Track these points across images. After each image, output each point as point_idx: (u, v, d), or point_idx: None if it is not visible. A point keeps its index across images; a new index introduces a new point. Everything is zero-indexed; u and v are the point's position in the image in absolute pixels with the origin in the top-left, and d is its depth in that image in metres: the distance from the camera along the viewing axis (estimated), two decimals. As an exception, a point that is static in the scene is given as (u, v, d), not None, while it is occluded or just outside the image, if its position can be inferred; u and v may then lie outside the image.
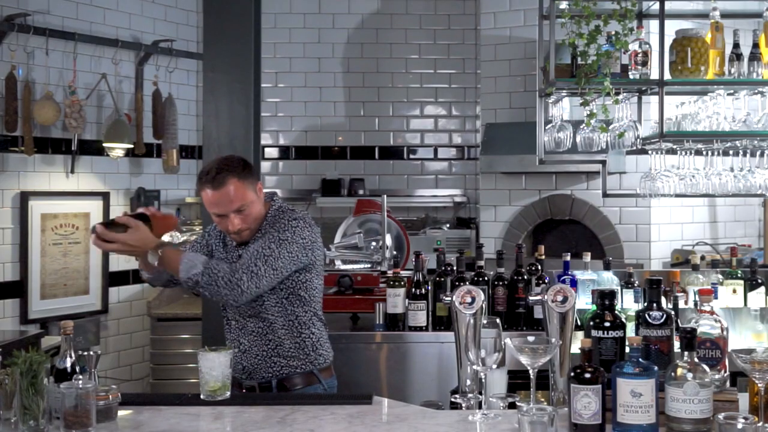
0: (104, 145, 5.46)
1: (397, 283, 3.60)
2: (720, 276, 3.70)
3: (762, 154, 3.89)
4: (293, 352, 2.80)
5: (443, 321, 3.58)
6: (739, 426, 1.85)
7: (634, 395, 1.95)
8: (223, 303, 2.84)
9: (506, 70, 5.88)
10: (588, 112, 3.87)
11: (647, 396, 1.95)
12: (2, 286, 5.03)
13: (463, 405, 2.36)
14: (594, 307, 2.55)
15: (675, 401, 1.97)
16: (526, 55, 5.68)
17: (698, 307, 2.34)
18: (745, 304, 3.60)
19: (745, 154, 3.89)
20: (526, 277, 3.59)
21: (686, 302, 3.43)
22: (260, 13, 4.00)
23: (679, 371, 2.00)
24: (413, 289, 3.57)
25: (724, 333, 2.28)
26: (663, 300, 2.62)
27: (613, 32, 3.75)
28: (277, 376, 2.80)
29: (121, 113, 5.58)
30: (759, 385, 1.96)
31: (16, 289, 5.08)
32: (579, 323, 2.98)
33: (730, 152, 3.93)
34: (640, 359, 2.01)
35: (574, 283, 3.50)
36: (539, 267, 3.63)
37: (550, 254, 3.98)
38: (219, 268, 2.63)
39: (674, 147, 3.89)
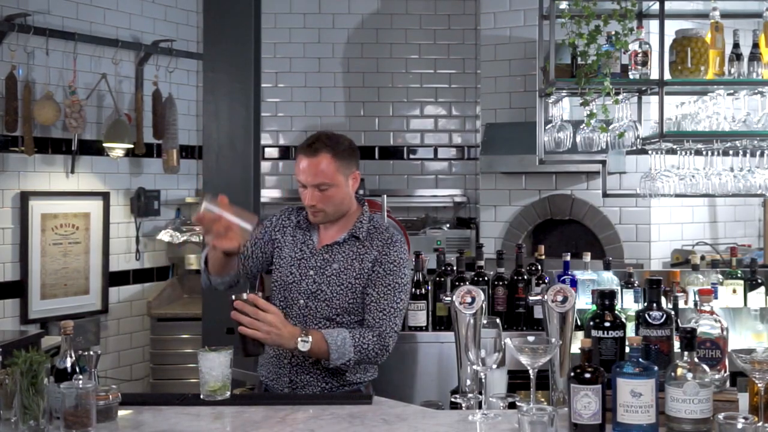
0: (104, 145, 5.46)
1: (397, 283, 3.59)
2: (720, 276, 3.70)
3: (762, 154, 3.89)
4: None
5: (443, 321, 3.58)
6: (739, 426, 1.85)
7: (634, 395, 1.95)
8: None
9: (506, 70, 5.88)
10: (588, 112, 3.87)
11: (647, 396, 1.95)
12: (2, 286, 5.03)
13: (463, 405, 2.36)
14: (594, 307, 2.55)
15: (675, 401, 1.97)
16: (526, 55, 5.68)
17: (698, 307, 2.34)
18: (745, 304, 3.60)
19: (745, 154, 3.89)
20: (526, 277, 3.58)
21: (686, 302, 3.43)
22: (260, 13, 4.01)
23: (679, 371, 2.00)
24: (413, 289, 3.56)
25: (724, 333, 2.28)
26: (663, 300, 2.62)
27: (613, 32, 3.74)
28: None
29: (121, 113, 5.59)
30: (759, 385, 1.96)
31: (16, 289, 5.09)
32: (579, 323, 2.98)
33: (730, 152, 3.93)
34: (640, 359, 2.01)
35: (574, 283, 3.50)
36: (539, 267, 3.63)
37: (550, 254, 3.97)
38: (367, 343, 2.61)
39: (674, 147, 3.89)
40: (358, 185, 2.79)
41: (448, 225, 6.32)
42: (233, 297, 2.50)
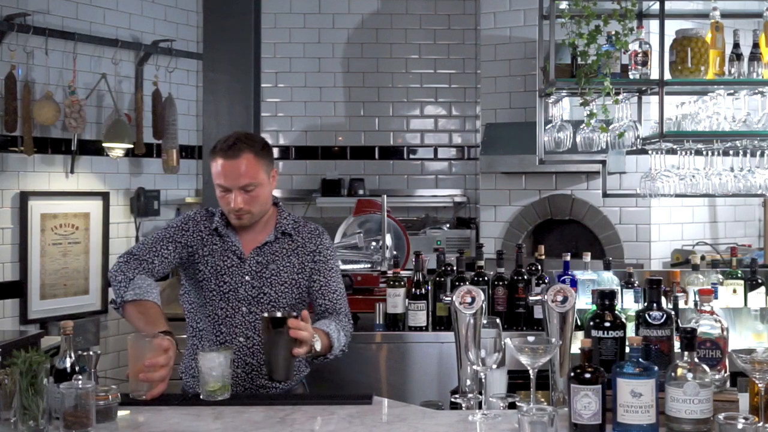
0: (104, 145, 5.46)
1: (397, 283, 3.60)
2: (720, 276, 3.70)
3: (762, 154, 3.89)
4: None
5: (443, 321, 3.58)
6: (739, 426, 1.85)
7: (634, 395, 1.95)
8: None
9: (506, 70, 5.88)
10: (588, 112, 3.87)
11: (647, 396, 1.95)
12: (2, 286, 5.03)
13: (463, 405, 2.35)
14: (594, 307, 2.55)
15: (675, 401, 1.97)
16: (526, 55, 5.68)
17: (698, 307, 2.34)
18: (745, 304, 3.59)
19: (745, 154, 3.89)
20: (526, 277, 3.58)
21: (686, 302, 3.43)
22: (260, 13, 4.01)
23: (679, 371, 2.00)
24: (413, 289, 3.57)
25: (724, 333, 2.28)
26: (663, 300, 2.62)
27: (613, 32, 3.74)
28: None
29: (121, 113, 5.58)
30: (759, 385, 1.96)
31: (16, 289, 5.08)
32: (579, 323, 2.98)
33: (730, 152, 3.92)
34: (640, 359, 2.01)
35: (574, 283, 3.50)
36: (539, 267, 3.63)
37: (550, 254, 3.98)
38: (346, 325, 2.71)
39: (674, 147, 3.89)
40: (276, 183, 2.78)
41: (448, 225, 6.32)
42: (275, 316, 2.39)
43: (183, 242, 2.69)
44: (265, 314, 2.41)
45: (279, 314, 2.41)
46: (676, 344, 2.27)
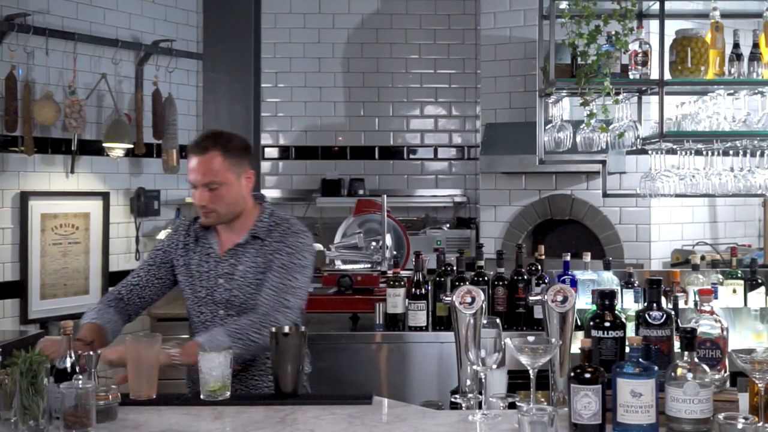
0: (104, 145, 5.46)
1: (397, 283, 3.60)
2: (720, 276, 3.70)
3: (762, 154, 3.89)
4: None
5: (443, 321, 3.58)
6: (739, 426, 1.85)
7: (634, 395, 1.95)
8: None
9: (506, 70, 5.88)
10: (588, 112, 3.87)
11: (647, 396, 1.95)
12: (2, 286, 5.03)
13: (463, 405, 2.35)
14: (594, 307, 2.55)
15: (675, 401, 1.97)
16: (526, 55, 5.68)
17: (698, 307, 2.34)
18: (745, 304, 3.59)
19: (745, 154, 3.89)
20: (526, 277, 3.58)
21: (686, 302, 3.43)
22: (260, 13, 4.01)
23: (679, 371, 2.00)
24: (413, 289, 3.57)
25: (724, 333, 2.28)
26: (663, 300, 2.62)
27: (613, 32, 3.74)
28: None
29: (121, 113, 5.58)
30: (759, 385, 1.96)
31: (16, 289, 5.08)
32: (579, 323, 2.98)
33: (730, 152, 3.93)
34: (640, 359, 2.01)
35: (574, 283, 3.50)
36: (539, 267, 3.63)
37: (550, 254, 3.98)
38: (242, 326, 2.50)
39: (674, 147, 3.89)
40: (253, 185, 2.75)
41: (448, 225, 6.33)
42: (282, 330, 2.40)
43: (163, 260, 2.78)
44: (273, 329, 2.42)
45: (286, 329, 2.43)
46: (676, 344, 2.27)
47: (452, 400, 2.43)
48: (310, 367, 2.83)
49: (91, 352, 2.22)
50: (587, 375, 2.01)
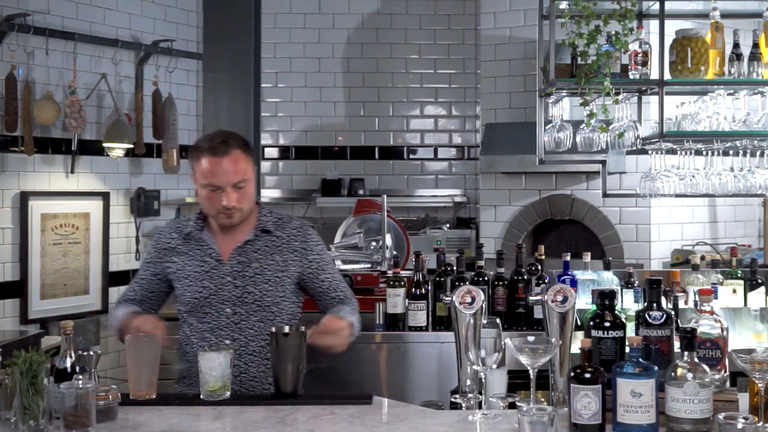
0: (104, 145, 5.46)
1: (397, 283, 3.59)
2: (720, 276, 3.70)
3: (762, 154, 3.89)
4: None
5: (443, 321, 3.58)
6: (739, 426, 1.85)
7: (634, 395, 1.95)
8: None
9: (506, 70, 5.88)
10: (588, 112, 3.87)
11: (647, 396, 1.95)
12: (2, 286, 5.03)
13: (463, 405, 2.35)
14: (594, 307, 2.55)
15: (675, 401, 1.97)
16: (526, 55, 5.68)
17: (698, 307, 2.34)
18: (745, 304, 3.59)
19: (745, 154, 3.89)
20: (526, 277, 3.58)
21: (686, 302, 3.43)
22: (260, 13, 4.01)
23: (679, 371, 2.00)
24: (413, 289, 3.56)
25: (724, 333, 2.28)
26: (663, 300, 2.62)
27: (613, 32, 3.74)
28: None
29: (121, 113, 5.58)
30: (759, 385, 1.96)
31: (16, 289, 5.08)
32: (579, 323, 2.97)
33: (730, 152, 3.92)
34: (640, 359, 2.01)
35: (574, 283, 3.50)
36: (539, 267, 3.62)
37: (550, 254, 3.97)
38: (356, 310, 2.76)
39: (674, 147, 3.89)
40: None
41: (448, 225, 6.33)
42: (283, 330, 2.42)
43: (153, 273, 2.81)
44: (273, 329, 2.42)
45: (287, 329, 2.42)
46: (676, 344, 2.27)
47: (452, 400, 2.43)
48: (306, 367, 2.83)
49: (92, 352, 2.22)
50: (587, 375, 2.01)
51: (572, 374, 2.03)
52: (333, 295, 2.80)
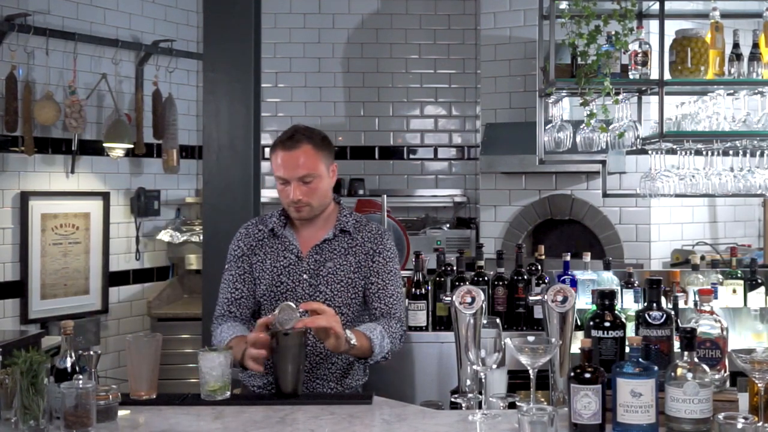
0: (104, 145, 5.46)
1: (397, 283, 3.59)
2: (720, 276, 3.70)
3: (762, 154, 3.89)
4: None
5: (443, 321, 3.58)
6: (739, 426, 1.85)
7: (634, 395, 1.96)
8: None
9: (506, 70, 5.88)
10: (588, 112, 3.87)
11: (647, 396, 1.95)
12: (2, 286, 5.03)
13: (463, 405, 2.36)
14: (594, 307, 2.55)
15: (675, 401, 1.97)
16: (526, 55, 5.68)
17: (698, 307, 2.34)
18: (745, 304, 3.60)
19: (745, 154, 3.89)
20: (526, 277, 3.58)
21: (686, 302, 3.43)
22: (260, 13, 4.00)
23: (679, 371, 2.00)
24: (413, 289, 3.57)
25: (724, 333, 2.28)
26: (663, 300, 2.62)
27: (613, 32, 3.75)
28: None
29: (121, 113, 5.59)
30: (759, 385, 1.96)
31: (17, 289, 5.09)
32: (579, 323, 2.98)
33: (730, 152, 3.93)
34: (640, 359, 2.01)
35: (574, 283, 3.50)
36: (539, 267, 3.63)
37: (550, 254, 3.97)
38: (395, 331, 2.64)
39: (674, 147, 3.89)
40: (335, 180, 2.76)
41: (448, 225, 6.33)
42: (282, 331, 2.38)
43: (243, 267, 2.73)
44: (271, 330, 2.41)
45: (286, 329, 2.41)
46: (676, 344, 2.27)
47: (452, 400, 2.43)
48: (366, 375, 2.81)
49: (92, 352, 2.22)
50: (587, 375, 2.01)
51: (572, 374, 2.03)
52: (376, 304, 2.69)
